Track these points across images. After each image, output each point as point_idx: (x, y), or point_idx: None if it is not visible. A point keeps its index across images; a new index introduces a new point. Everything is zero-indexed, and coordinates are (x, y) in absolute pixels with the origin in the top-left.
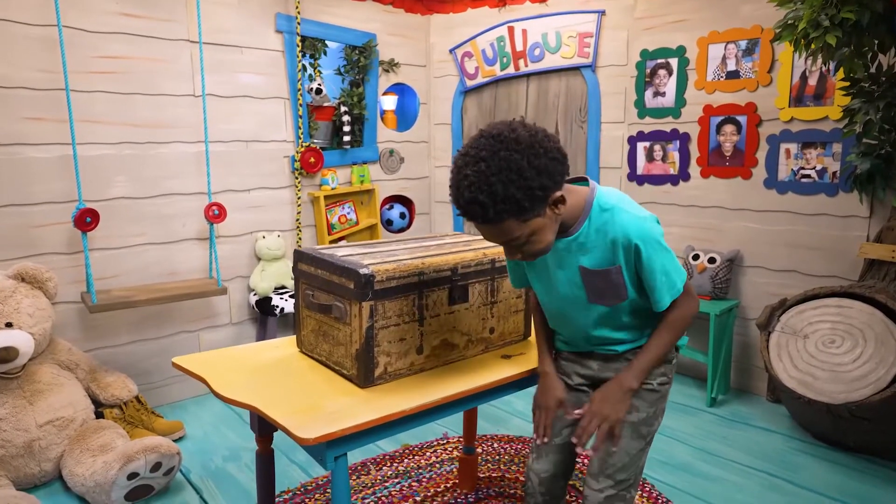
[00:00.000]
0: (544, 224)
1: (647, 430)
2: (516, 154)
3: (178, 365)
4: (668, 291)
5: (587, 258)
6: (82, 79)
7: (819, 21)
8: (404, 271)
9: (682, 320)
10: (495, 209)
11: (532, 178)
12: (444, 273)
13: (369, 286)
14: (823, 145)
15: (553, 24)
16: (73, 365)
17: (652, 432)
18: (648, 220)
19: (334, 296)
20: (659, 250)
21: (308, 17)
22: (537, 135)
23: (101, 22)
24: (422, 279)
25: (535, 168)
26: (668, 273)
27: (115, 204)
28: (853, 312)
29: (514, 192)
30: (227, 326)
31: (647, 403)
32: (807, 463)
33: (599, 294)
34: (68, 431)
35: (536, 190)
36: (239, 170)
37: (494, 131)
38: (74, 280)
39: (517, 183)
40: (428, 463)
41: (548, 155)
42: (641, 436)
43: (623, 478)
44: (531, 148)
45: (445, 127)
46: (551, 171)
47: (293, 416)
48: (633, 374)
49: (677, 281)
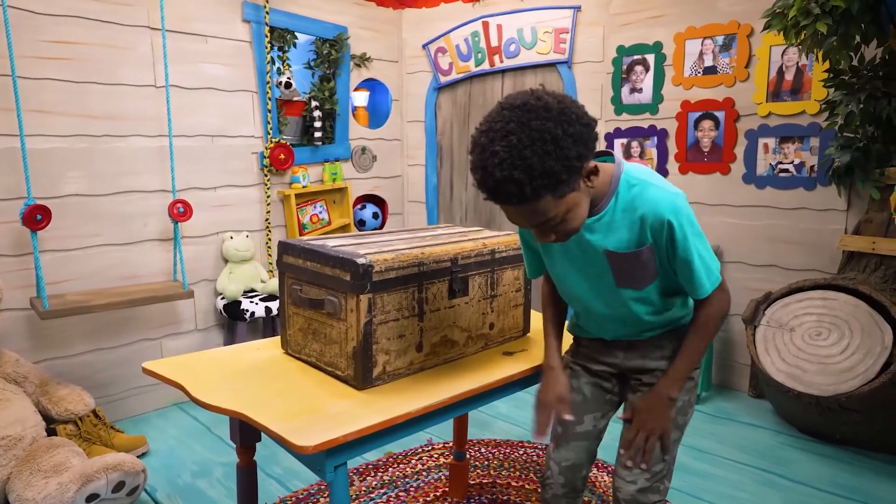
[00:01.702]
0: (579, 199)
1: (684, 420)
2: (549, 122)
3: (150, 370)
4: (707, 278)
5: (614, 239)
6: (31, 64)
7: (809, 9)
8: (404, 261)
9: (717, 319)
10: (532, 186)
11: (569, 148)
12: (444, 264)
13: (367, 277)
14: (801, 139)
15: (528, 20)
16: (21, 378)
17: (687, 421)
18: (680, 197)
19: (326, 289)
20: (694, 231)
21: (277, 6)
22: (565, 100)
23: (52, 3)
24: (422, 270)
25: (570, 136)
26: (704, 258)
27: (68, 201)
28: (838, 304)
29: (553, 165)
30: (192, 333)
31: (683, 392)
32: (797, 457)
33: (629, 278)
34: (16, 451)
35: (574, 160)
36: (204, 166)
37: (518, 101)
38: (22, 284)
39: (554, 154)
40: (414, 471)
41: (580, 121)
42: (678, 426)
43: (658, 469)
44: (562, 115)
45: (419, 124)
46: (585, 138)
47: (286, 422)
48: (672, 383)
49: (714, 268)
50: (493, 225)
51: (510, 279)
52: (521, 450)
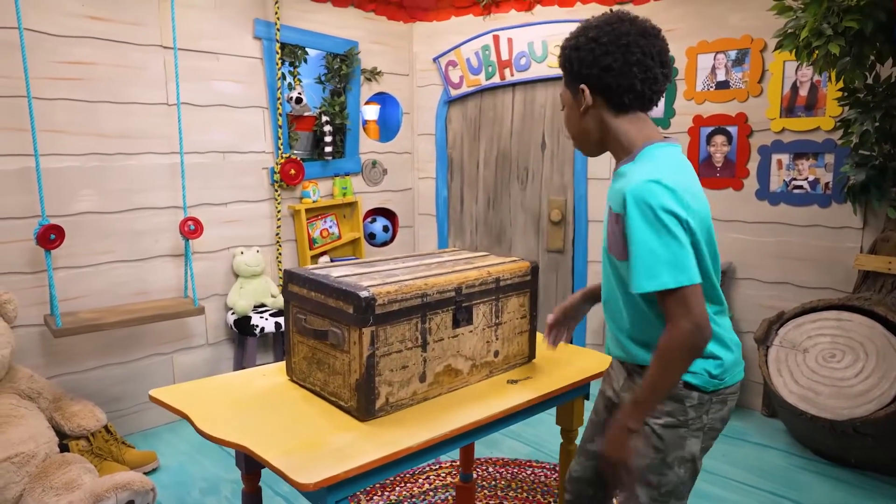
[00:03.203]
0: (573, 104)
1: (658, 480)
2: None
3: (156, 399)
4: (645, 275)
5: (612, 195)
6: (45, 85)
7: (822, 30)
8: (406, 293)
9: (678, 352)
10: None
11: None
12: (448, 294)
13: (370, 310)
14: (815, 156)
15: (539, 33)
16: (35, 394)
17: (667, 483)
18: (652, 184)
19: (330, 321)
20: (647, 218)
21: (288, 23)
22: (615, 33)
23: (65, 25)
24: (425, 301)
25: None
26: (653, 252)
27: (81, 219)
28: (853, 325)
29: (570, 55)
30: (203, 348)
31: (651, 448)
32: (809, 481)
33: (612, 242)
34: (29, 468)
35: (576, 67)
36: (215, 182)
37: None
38: (37, 302)
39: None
40: (421, 491)
41: (602, 61)
42: (650, 484)
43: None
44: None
45: (429, 137)
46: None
47: (289, 457)
48: (631, 411)
49: (664, 273)
50: (504, 237)
51: (515, 306)
52: (528, 469)
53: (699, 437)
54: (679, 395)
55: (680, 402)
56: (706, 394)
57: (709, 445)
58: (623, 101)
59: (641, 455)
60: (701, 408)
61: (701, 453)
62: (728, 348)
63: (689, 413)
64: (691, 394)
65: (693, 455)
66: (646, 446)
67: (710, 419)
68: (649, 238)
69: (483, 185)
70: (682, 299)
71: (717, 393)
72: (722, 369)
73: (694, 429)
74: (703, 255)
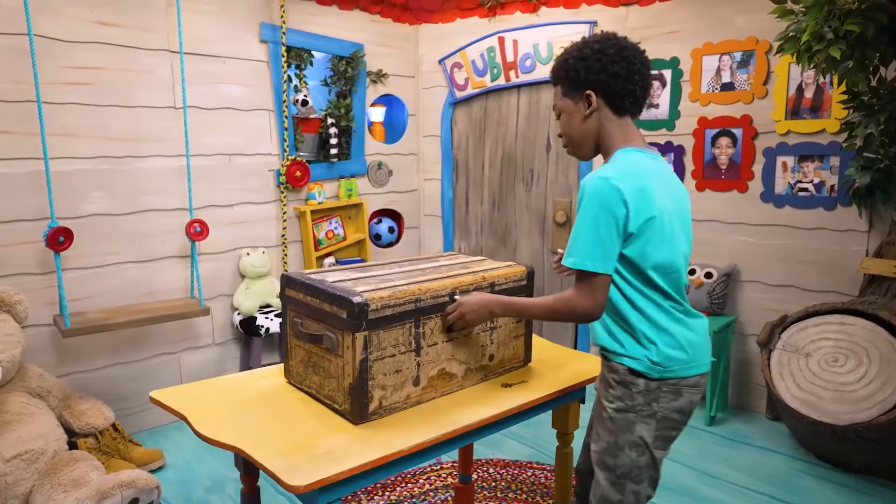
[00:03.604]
0: (573, 111)
1: (614, 462)
2: (596, 48)
3: (157, 400)
4: (569, 252)
5: None
6: (54, 90)
7: (822, 33)
8: (400, 298)
9: (559, 310)
10: (556, 71)
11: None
12: (442, 299)
13: (363, 315)
14: (821, 158)
15: (544, 35)
16: (45, 392)
17: (621, 466)
18: (601, 181)
19: (325, 325)
20: (587, 208)
21: (294, 26)
22: (626, 51)
23: (74, 30)
24: (419, 306)
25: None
26: (578, 237)
27: (89, 221)
28: (856, 330)
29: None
30: (209, 347)
31: (606, 432)
32: (811, 485)
33: None
34: (38, 465)
35: (583, 76)
36: (222, 184)
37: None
38: (47, 302)
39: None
40: (422, 491)
41: (609, 69)
42: (607, 467)
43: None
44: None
45: (435, 139)
46: (597, 69)
47: (282, 459)
48: (499, 299)
49: (578, 253)
50: (509, 239)
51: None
52: (529, 471)
53: (650, 424)
54: (626, 381)
55: (627, 388)
56: (652, 381)
57: (668, 435)
58: (625, 106)
59: (599, 439)
60: (649, 395)
61: (659, 441)
62: (678, 346)
63: (636, 399)
64: (636, 380)
65: (644, 440)
66: (603, 431)
67: (662, 408)
68: (583, 224)
69: (488, 187)
70: (590, 283)
71: (666, 382)
72: (662, 357)
73: (644, 415)
74: (647, 253)
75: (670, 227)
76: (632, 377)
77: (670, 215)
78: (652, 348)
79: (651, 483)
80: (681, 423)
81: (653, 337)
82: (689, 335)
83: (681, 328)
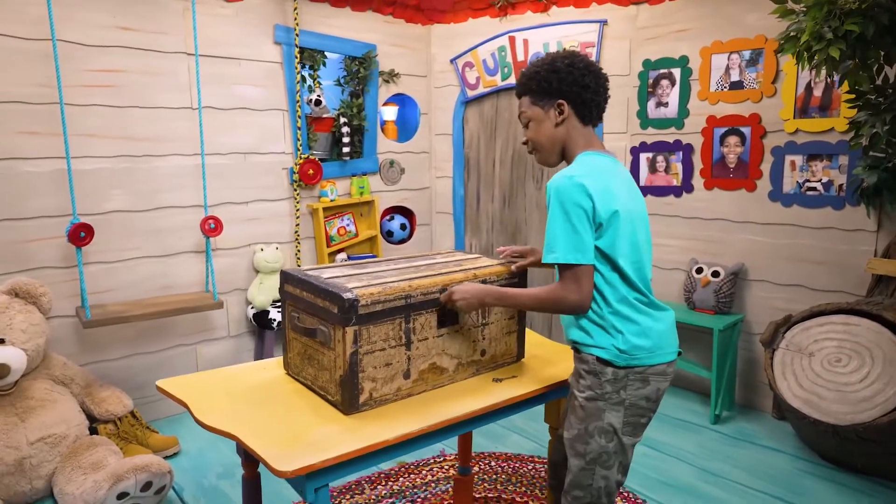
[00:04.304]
0: (543, 119)
1: (584, 449)
2: (566, 63)
3: (162, 389)
4: (548, 249)
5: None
6: (78, 92)
7: (822, 33)
8: (390, 294)
9: (548, 301)
10: (522, 82)
11: (562, 80)
12: (433, 295)
13: (353, 311)
14: (829, 157)
15: (555, 34)
16: (68, 380)
17: (591, 452)
18: (566, 179)
19: (319, 319)
20: (558, 206)
21: (307, 28)
22: (592, 66)
23: (96, 35)
24: (409, 302)
25: (567, 75)
26: (555, 235)
27: (110, 217)
28: (860, 330)
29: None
30: (225, 339)
31: (577, 420)
32: (813, 485)
33: None
34: (60, 448)
35: (555, 87)
36: (237, 182)
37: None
38: (70, 294)
39: (549, 75)
40: (424, 482)
41: (582, 81)
42: (578, 453)
43: (578, 495)
44: (579, 68)
45: (446, 137)
46: (573, 86)
47: (274, 447)
48: (490, 289)
49: (558, 249)
50: (519, 236)
51: (502, 307)
52: (530, 465)
53: (619, 411)
54: (595, 371)
55: (596, 377)
56: (620, 369)
57: (637, 422)
58: (591, 115)
59: (570, 427)
60: (617, 383)
61: (629, 428)
62: (643, 335)
63: (605, 387)
64: (605, 369)
65: (613, 427)
66: (574, 418)
67: (630, 395)
68: (557, 221)
69: (499, 184)
70: (574, 275)
71: (633, 369)
72: (629, 346)
73: (612, 403)
74: (616, 245)
75: (632, 225)
76: (600, 366)
77: (631, 213)
78: (619, 337)
79: (621, 469)
80: (649, 409)
81: (619, 326)
82: (655, 325)
83: (646, 318)
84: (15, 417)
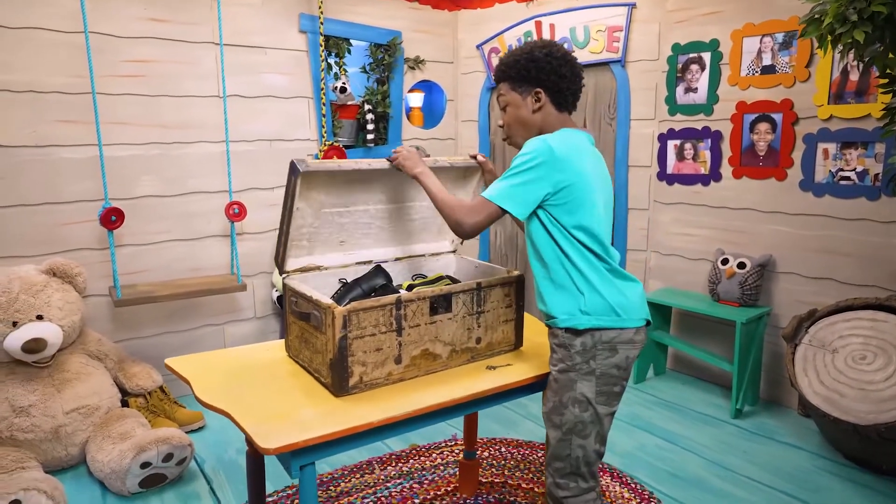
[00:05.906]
0: (520, 104)
1: (560, 420)
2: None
3: (169, 366)
4: (490, 188)
5: None
6: (110, 82)
7: (846, 15)
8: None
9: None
10: (501, 68)
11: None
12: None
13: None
14: (865, 145)
15: (581, 18)
16: (103, 355)
17: (566, 422)
18: (541, 140)
19: (312, 304)
20: (519, 158)
21: (332, 16)
22: (568, 56)
23: (128, 27)
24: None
25: (545, 64)
26: (503, 178)
27: (141, 202)
28: (888, 327)
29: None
30: (251, 321)
31: (552, 392)
32: (831, 484)
33: None
34: (93, 418)
35: (533, 75)
36: (263, 168)
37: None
38: (105, 274)
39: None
40: (433, 464)
41: (560, 70)
42: (555, 425)
43: (558, 466)
44: (557, 57)
45: (472, 123)
46: (551, 75)
47: (262, 425)
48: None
49: (495, 191)
50: None
51: (500, 296)
52: (539, 452)
53: (591, 381)
54: (565, 344)
55: (567, 349)
56: (588, 337)
57: (611, 391)
58: (567, 101)
59: (547, 401)
60: (586, 353)
61: (602, 397)
62: (608, 298)
63: (575, 359)
64: (574, 341)
65: (586, 396)
66: (549, 392)
67: (600, 364)
68: (512, 171)
69: None
70: (485, 208)
71: (601, 340)
72: (591, 306)
73: (583, 373)
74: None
75: (593, 196)
76: (569, 337)
77: (595, 187)
78: (580, 298)
79: (598, 439)
80: (621, 378)
81: (582, 288)
82: (620, 291)
83: (609, 285)
84: (52, 388)
